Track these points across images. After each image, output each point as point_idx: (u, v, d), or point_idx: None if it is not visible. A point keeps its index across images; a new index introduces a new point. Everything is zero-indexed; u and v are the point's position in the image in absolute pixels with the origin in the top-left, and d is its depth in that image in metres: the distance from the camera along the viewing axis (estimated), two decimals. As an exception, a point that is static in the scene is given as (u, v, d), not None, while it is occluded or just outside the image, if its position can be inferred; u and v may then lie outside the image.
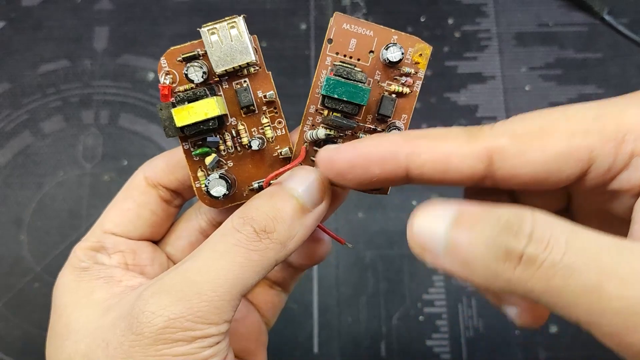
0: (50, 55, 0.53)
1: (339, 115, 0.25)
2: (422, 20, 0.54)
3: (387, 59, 0.25)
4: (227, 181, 0.25)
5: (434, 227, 0.20)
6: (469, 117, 0.51)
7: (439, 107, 0.51)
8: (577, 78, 0.52)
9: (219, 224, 0.25)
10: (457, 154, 0.21)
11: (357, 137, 0.26)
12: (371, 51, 0.26)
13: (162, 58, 0.25)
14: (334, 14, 0.26)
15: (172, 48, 0.25)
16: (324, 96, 0.25)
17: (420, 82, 0.26)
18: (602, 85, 0.51)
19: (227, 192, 0.25)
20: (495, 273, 0.18)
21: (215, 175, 0.25)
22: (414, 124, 0.52)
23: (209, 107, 0.24)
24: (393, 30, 0.25)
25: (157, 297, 0.22)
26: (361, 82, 0.24)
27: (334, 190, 0.26)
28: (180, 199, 0.29)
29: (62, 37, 0.54)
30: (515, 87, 0.52)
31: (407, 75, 0.26)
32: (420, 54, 0.25)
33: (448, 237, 0.19)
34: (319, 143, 0.26)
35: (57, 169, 0.50)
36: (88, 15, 0.54)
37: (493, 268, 0.18)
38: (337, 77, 0.24)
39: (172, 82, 0.25)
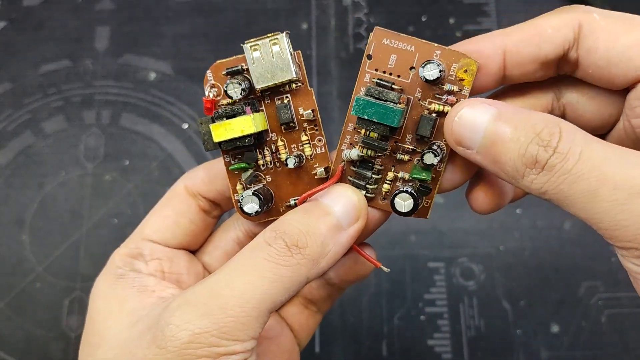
0: (51, 55, 0.53)
1: (374, 135, 0.24)
2: (424, 19, 0.54)
3: (424, 77, 0.24)
4: (260, 198, 0.25)
5: (478, 118, 0.22)
6: (471, 116, 0.51)
7: (441, 106, 0.51)
8: (579, 77, 0.52)
9: (255, 235, 0.24)
10: (550, 24, 0.24)
11: (395, 158, 0.25)
12: (412, 67, 0.24)
13: (208, 71, 0.25)
14: (374, 29, 0.24)
15: (218, 61, 0.25)
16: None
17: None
18: (604, 84, 0.51)
19: (260, 209, 0.25)
20: (522, 174, 0.21)
21: (249, 192, 0.25)
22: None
23: (245, 125, 0.24)
24: (436, 44, 0.24)
25: (182, 309, 0.21)
26: (393, 102, 0.23)
27: (370, 212, 0.26)
28: (218, 210, 0.29)
29: (64, 37, 0.54)
30: (517, 87, 0.52)
31: (450, 93, 0.24)
32: (465, 70, 0.24)
33: (488, 130, 0.22)
34: (355, 163, 0.25)
35: (58, 169, 0.50)
36: (89, 15, 0.54)
37: (521, 171, 0.21)
38: (368, 97, 0.23)
39: (217, 96, 0.26)
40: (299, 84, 0.25)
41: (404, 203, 0.25)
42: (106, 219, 0.48)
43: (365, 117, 0.23)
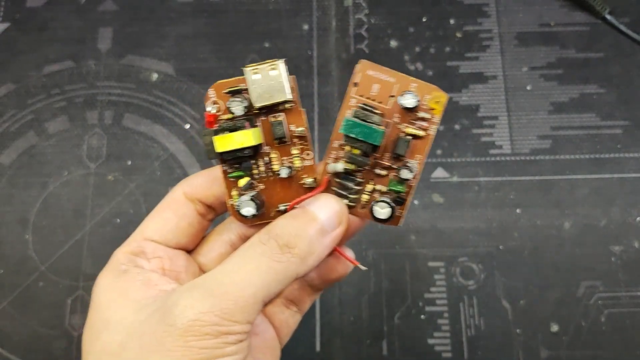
0: (54, 56, 0.53)
1: (357, 152, 0.27)
2: (424, 20, 0.54)
3: (403, 104, 0.27)
4: (256, 203, 0.28)
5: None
6: (471, 117, 0.51)
7: (441, 107, 0.51)
8: (579, 78, 0.52)
9: (247, 238, 0.27)
10: None
11: (374, 173, 0.29)
12: (392, 96, 0.28)
13: (210, 89, 0.28)
14: (360, 62, 0.28)
15: (219, 81, 0.28)
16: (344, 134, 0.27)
17: (436, 126, 0.28)
18: (604, 84, 0.52)
19: (256, 212, 0.28)
20: None
21: (246, 197, 0.28)
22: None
23: (245, 138, 0.27)
24: (412, 78, 0.28)
25: (190, 292, 0.24)
26: (376, 124, 0.27)
27: (351, 219, 0.29)
28: (213, 213, 0.31)
29: (67, 38, 0.54)
30: (517, 87, 0.52)
31: (423, 119, 0.28)
32: (437, 101, 0.28)
33: None
34: (339, 175, 0.29)
35: (61, 169, 0.50)
36: (92, 16, 0.55)
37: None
38: (355, 119, 0.27)
39: (218, 111, 0.28)
40: (292, 104, 0.28)
41: (382, 211, 0.28)
42: (109, 218, 0.49)
43: (352, 135, 0.26)
